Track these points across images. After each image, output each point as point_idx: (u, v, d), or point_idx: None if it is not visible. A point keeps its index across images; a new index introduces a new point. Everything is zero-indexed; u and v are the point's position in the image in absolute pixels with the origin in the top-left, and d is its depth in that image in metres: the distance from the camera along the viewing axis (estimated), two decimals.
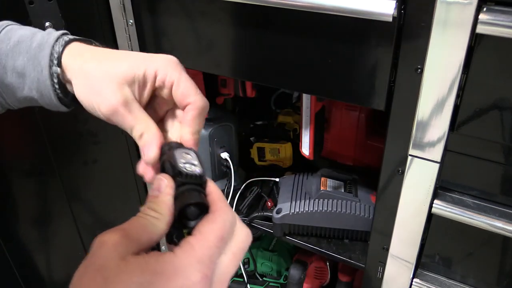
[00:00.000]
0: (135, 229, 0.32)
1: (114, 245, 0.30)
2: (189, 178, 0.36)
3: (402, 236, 0.69)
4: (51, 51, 0.43)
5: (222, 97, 0.98)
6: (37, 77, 0.44)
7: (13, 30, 0.46)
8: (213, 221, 0.34)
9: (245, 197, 0.98)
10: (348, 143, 0.92)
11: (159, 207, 0.34)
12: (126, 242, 0.30)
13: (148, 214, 0.33)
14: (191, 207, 0.34)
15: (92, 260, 0.29)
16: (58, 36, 0.45)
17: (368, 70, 0.59)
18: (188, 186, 0.36)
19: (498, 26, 0.47)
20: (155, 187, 0.35)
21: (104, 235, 0.30)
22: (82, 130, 0.89)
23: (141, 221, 0.33)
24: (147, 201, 0.35)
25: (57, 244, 0.92)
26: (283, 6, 0.59)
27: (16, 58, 0.44)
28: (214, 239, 0.32)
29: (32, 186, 0.86)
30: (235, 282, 1.12)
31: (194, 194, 0.35)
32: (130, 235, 0.31)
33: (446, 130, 0.56)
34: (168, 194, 0.35)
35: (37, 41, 0.44)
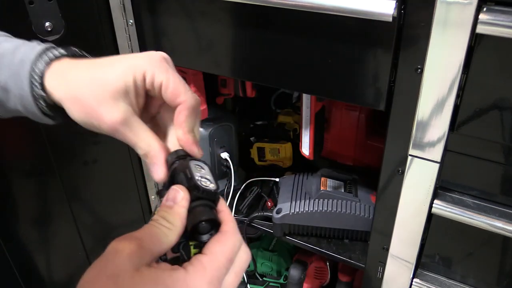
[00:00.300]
0: (149, 239, 0.32)
1: (129, 254, 0.30)
2: (205, 194, 0.37)
3: (402, 236, 0.69)
4: (31, 68, 0.41)
5: (222, 97, 0.98)
6: (19, 93, 0.43)
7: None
8: (224, 243, 0.35)
9: (245, 197, 0.98)
10: (348, 143, 0.92)
11: (173, 218, 0.34)
12: (141, 252, 0.31)
13: (162, 224, 0.34)
14: (204, 223, 0.35)
15: (106, 266, 0.29)
16: (40, 51, 0.42)
17: (368, 70, 0.59)
18: (202, 201, 0.36)
19: (498, 26, 0.47)
20: (170, 198, 0.36)
21: (120, 242, 0.30)
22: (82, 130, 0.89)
23: (154, 230, 0.33)
24: (160, 210, 0.35)
25: (57, 244, 0.92)
26: (283, 6, 0.59)
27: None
28: (224, 260, 0.34)
29: (32, 186, 0.86)
30: None
31: (208, 211, 0.36)
32: (144, 245, 0.31)
33: (446, 130, 0.56)
34: (183, 207, 0.35)
35: (19, 56, 0.43)
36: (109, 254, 0.30)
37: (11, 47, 0.44)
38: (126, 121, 0.39)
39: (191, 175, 0.37)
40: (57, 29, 0.75)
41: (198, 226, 0.35)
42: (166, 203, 0.35)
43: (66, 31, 0.76)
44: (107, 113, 0.39)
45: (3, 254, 0.81)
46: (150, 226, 0.34)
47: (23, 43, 0.45)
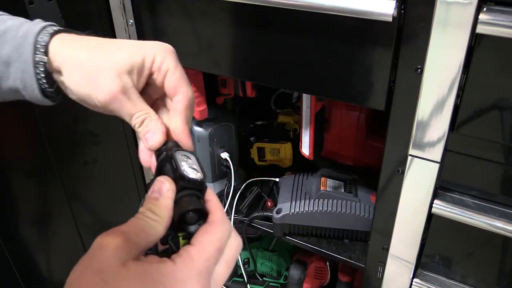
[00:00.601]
0: (135, 232, 0.32)
1: (115, 249, 0.29)
2: (191, 183, 0.36)
3: (402, 236, 0.69)
4: (35, 39, 0.42)
5: (222, 97, 0.98)
6: (21, 67, 0.43)
7: (2, 20, 0.45)
8: (212, 232, 0.34)
9: (245, 197, 0.98)
10: (348, 143, 0.92)
11: (159, 210, 0.34)
12: (127, 246, 0.30)
13: (148, 216, 0.33)
14: (190, 213, 0.35)
15: (91, 262, 0.29)
16: (44, 25, 0.44)
17: (368, 70, 0.59)
18: (189, 191, 0.36)
19: (498, 26, 0.47)
20: (156, 189, 0.35)
21: (105, 237, 0.30)
22: (82, 130, 0.89)
23: (141, 223, 0.33)
24: (146, 202, 0.34)
25: (57, 244, 0.92)
26: (283, 6, 0.59)
27: (2, 47, 0.43)
28: (212, 251, 0.33)
29: (32, 186, 0.86)
30: (235, 282, 1.12)
31: (195, 200, 0.35)
32: (130, 239, 0.31)
33: (446, 130, 0.56)
34: (169, 198, 0.35)
35: (23, 30, 0.43)
36: (94, 249, 0.30)
37: (16, 24, 0.45)
38: (126, 91, 0.40)
39: (176, 165, 0.37)
40: None
41: (185, 216, 0.34)
42: (152, 195, 0.35)
43: None
44: (109, 81, 0.40)
45: (3, 254, 0.81)
46: (136, 219, 0.33)
47: (27, 20, 0.46)
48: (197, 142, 0.95)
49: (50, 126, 0.82)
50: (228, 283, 1.12)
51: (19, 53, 0.43)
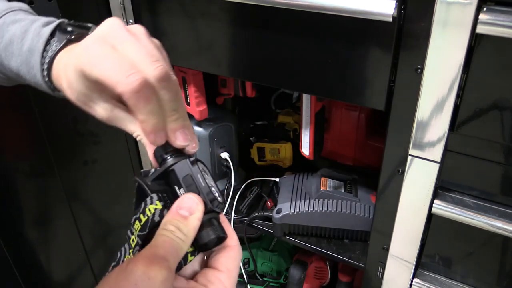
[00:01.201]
0: (172, 257, 0.32)
1: (162, 281, 0.30)
2: (218, 206, 0.36)
3: (402, 236, 0.69)
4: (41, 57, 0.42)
5: (222, 97, 0.98)
6: (33, 80, 0.44)
7: (5, 25, 0.44)
8: (235, 258, 0.37)
9: (245, 197, 0.98)
10: (348, 143, 0.92)
11: (187, 230, 0.34)
12: (171, 276, 0.31)
13: (178, 236, 0.33)
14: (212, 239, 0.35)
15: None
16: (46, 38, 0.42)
17: (368, 70, 0.59)
18: (212, 214, 0.36)
19: (498, 26, 0.47)
20: (186, 207, 0.34)
21: (152, 269, 0.30)
22: (82, 130, 0.89)
23: (174, 245, 0.33)
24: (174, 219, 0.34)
25: (57, 244, 0.92)
26: (283, 6, 0.59)
27: (10, 59, 0.44)
28: (236, 275, 0.36)
29: (32, 186, 0.86)
30: None
31: (216, 225, 0.36)
32: (171, 267, 0.31)
33: (446, 130, 0.56)
34: (198, 220, 0.35)
35: (27, 44, 0.43)
36: (140, 280, 0.29)
37: (18, 33, 0.43)
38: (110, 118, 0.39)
39: (204, 182, 0.36)
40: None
41: (210, 241, 0.35)
42: (181, 212, 0.34)
43: None
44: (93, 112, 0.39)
45: (3, 254, 0.81)
46: (169, 239, 0.33)
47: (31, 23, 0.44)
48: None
49: (50, 126, 0.82)
50: None
51: (28, 68, 0.43)
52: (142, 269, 0.29)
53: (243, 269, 1.03)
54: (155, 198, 0.35)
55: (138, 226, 0.35)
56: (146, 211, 0.35)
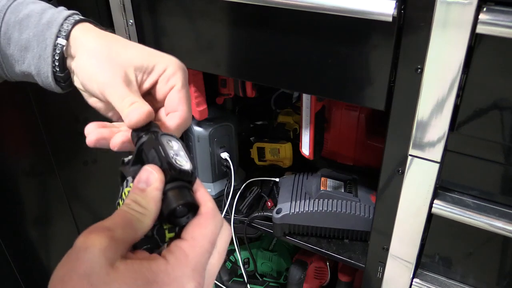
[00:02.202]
0: (121, 228, 0.29)
1: (102, 250, 0.27)
2: (181, 174, 0.34)
3: (402, 236, 0.69)
4: (59, 29, 0.43)
5: (222, 97, 0.98)
6: (39, 53, 0.44)
7: (25, 3, 0.45)
8: (205, 226, 0.33)
9: (245, 197, 0.98)
10: (348, 143, 0.92)
11: (146, 202, 0.32)
12: (115, 245, 0.28)
13: (134, 209, 0.31)
14: (180, 207, 0.32)
15: (76, 264, 0.27)
16: (68, 14, 0.44)
17: (368, 70, 0.59)
18: (178, 183, 0.33)
19: (498, 26, 0.47)
20: (143, 179, 0.33)
21: (89, 237, 0.28)
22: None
23: (127, 216, 0.31)
24: (132, 193, 0.32)
25: (57, 244, 0.92)
26: (283, 6, 0.59)
27: (23, 31, 0.44)
28: (206, 245, 0.32)
29: (32, 186, 0.86)
30: (235, 282, 1.12)
31: (185, 193, 0.33)
32: (117, 237, 0.29)
33: (446, 130, 0.56)
34: (157, 190, 0.32)
35: (47, 18, 0.44)
36: (78, 251, 0.27)
37: (38, 9, 0.45)
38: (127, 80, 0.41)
39: (165, 153, 0.34)
40: None
41: (175, 210, 0.32)
42: (139, 185, 0.32)
43: None
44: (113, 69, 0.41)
45: (3, 254, 0.81)
46: (121, 212, 0.31)
47: (50, 6, 0.46)
48: (197, 142, 0.95)
49: (50, 126, 0.82)
50: (228, 283, 1.12)
51: (39, 40, 0.44)
52: (81, 240, 0.28)
53: (243, 269, 1.03)
54: (130, 180, 0.34)
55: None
56: (122, 195, 0.34)
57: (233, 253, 1.11)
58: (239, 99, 1.00)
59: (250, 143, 1.09)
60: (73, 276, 0.26)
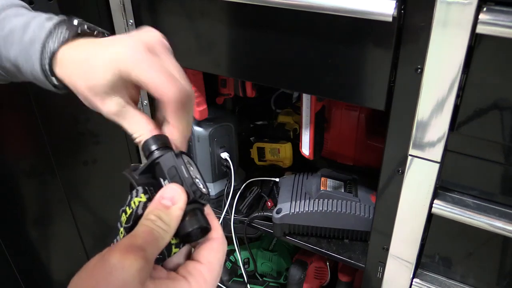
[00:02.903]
0: (151, 247, 0.31)
1: (138, 271, 0.29)
2: (201, 197, 0.36)
3: (402, 236, 0.69)
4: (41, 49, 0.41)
5: (222, 97, 0.98)
6: (30, 70, 0.43)
7: (8, 18, 0.44)
8: (218, 250, 0.36)
9: (245, 197, 0.98)
10: (348, 143, 0.92)
11: (169, 219, 0.33)
12: (147, 267, 0.30)
13: (159, 225, 0.33)
14: (195, 229, 0.35)
15: (110, 280, 0.28)
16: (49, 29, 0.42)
17: (368, 70, 0.59)
18: (196, 205, 0.35)
19: (498, 26, 0.47)
20: (168, 197, 0.34)
21: (127, 258, 0.29)
22: (83, 130, 0.89)
23: (154, 234, 0.32)
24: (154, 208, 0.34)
25: (57, 244, 0.92)
26: (283, 6, 0.59)
27: (9, 48, 0.43)
28: (219, 269, 0.35)
29: (32, 186, 0.86)
30: (235, 282, 1.12)
31: (201, 217, 0.36)
32: (149, 257, 0.30)
33: (446, 130, 0.56)
34: (181, 209, 0.34)
35: (29, 35, 0.42)
36: (114, 267, 0.29)
37: (21, 24, 0.44)
38: (119, 113, 0.39)
39: (188, 174, 0.36)
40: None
41: (191, 232, 0.35)
42: (163, 202, 0.34)
43: None
44: (102, 105, 0.39)
45: (3, 254, 0.81)
46: (148, 228, 0.32)
47: (33, 17, 0.44)
48: (197, 142, 0.95)
49: (50, 126, 0.82)
50: (228, 283, 1.12)
51: (26, 58, 0.43)
52: (118, 258, 0.29)
53: (243, 269, 1.03)
54: (141, 191, 0.35)
55: (124, 218, 0.35)
56: (131, 204, 0.35)
57: (233, 253, 1.11)
58: (239, 99, 1.00)
59: (250, 143, 1.09)
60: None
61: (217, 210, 0.96)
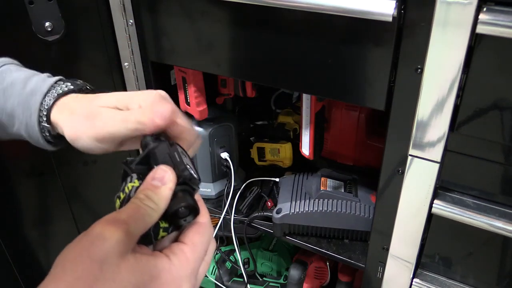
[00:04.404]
0: (135, 221, 0.32)
1: (117, 242, 0.30)
2: (191, 180, 0.36)
3: (402, 236, 0.69)
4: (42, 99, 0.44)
5: (222, 97, 0.98)
6: (25, 120, 0.45)
7: (9, 71, 0.47)
8: (203, 233, 0.36)
9: (245, 197, 0.98)
10: (348, 143, 0.92)
11: (158, 199, 0.34)
12: (128, 239, 0.31)
13: (147, 204, 0.33)
14: (183, 208, 0.35)
15: (91, 250, 0.29)
16: (51, 84, 0.45)
17: (368, 70, 0.59)
18: (185, 187, 0.36)
19: (498, 26, 0.47)
20: (158, 177, 0.35)
21: (107, 229, 0.30)
22: None
23: (140, 211, 0.33)
24: (145, 188, 0.34)
25: (57, 244, 0.92)
26: (283, 6, 0.59)
27: (7, 99, 0.45)
28: (202, 252, 0.36)
29: (32, 186, 0.86)
30: (235, 282, 1.12)
31: (189, 197, 0.36)
32: (131, 231, 0.31)
33: (446, 130, 0.56)
34: (170, 189, 0.35)
35: (31, 86, 0.45)
36: (95, 238, 0.30)
37: (22, 77, 0.46)
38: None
39: (180, 159, 0.37)
40: (57, 29, 0.75)
41: (179, 210, 0.35)
42: (153, 182, 0.35)
43: (66, 31, 0.76)
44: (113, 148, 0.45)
45: (3, 254, 0.81)
46: (135, 205, 0.33)
47: (34, 73, 0.47)
48: None
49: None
50: (228, 283, 1.12)
51: (24, 108, 0.45)
52: (99, 229, 0.30)
53: (243, 269, 1.03)
54: (135, 177, 0.37)
55: (118, 204, 0.36)
56: (125, 189, 0.36)
57: (233, 253, 1.11)
58: (239, 99, 1.00)
59: (250, 143, 1.09)
60: (86, 260, 0.29)
61: (217, 210, 0.96)
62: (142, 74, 0.85)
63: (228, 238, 1.09)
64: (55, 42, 0.75)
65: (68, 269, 0.29)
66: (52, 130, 0.45)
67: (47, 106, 0.44)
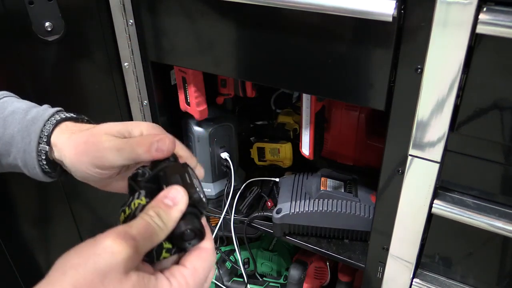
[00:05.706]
0: (143, 239, 0.32)
1: (125, 259, 0.30)
2: (199, 203, 0.36)
3: (402, 236, 0.69)
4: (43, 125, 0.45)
5: (222, 97, 0.98)
6: (23, 147, 0.46)
7: (10, 101, 0.49)
8: (205, 259, 0.36)
9: (245, 197, 0.98)
10: (348, 143, 0.92)
11: (167, 219, 0.34)
12: (136, 257, 0.31)
13: (156, 222, 0.33)
14: (189, 231, 0.35)
15: (96, 261, 0.29)
16: (53, 112, 0.47)
17: (368, 70, 0.59)
18: (193, 209, 0.36)
19: (498, 26, 0.47)
20: (170, 197, 0.35)
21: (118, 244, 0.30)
22: None
23: (150, 229, 0.33)
24: (155, 206, 0.34)
25: (57, 244, 0.92)
26: (283, 6, 0.59)
27: (7, 127, 0.46)
28: (203, 278, 0.35)
29: (32, 186, 0.86)
30: (235, 282, 1.12)
31: (197, 221, 0.36)
32: (139, 248, 0.31)
33: (446, 130, 0.56)
34: (180, 211, 0.35)
35: (32, 114, 0.47)
36: (103, 250, 0.29)
37: (24, 107, 0.48)
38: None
39: (191, 181, 0.37)
40: (57, 29, 0.75)
41: (184, 232, 0.35)
42: (165, 201, 0.34)
43: (66, 31, 0.76)
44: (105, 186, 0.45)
45: (3, 254, 0.81)
46: (145, 222, 0.33)
47: (34, 105, 0.49)
48: (197, 142, 0.95)
49: None
50: (228, 283, 1.12)
51: (23, 135, 0.46)
52: (109, 242, 0.30)
53: (243, 269, 1.03)
54: (143, 193, 0.36)
55: (123, 218, 0.36)
56: (131, 205, 0.36)
57: (233, 253, 1.11)
58: (239, 99, 1.00)
59: (250, 143, 1.09)
60: (90, 269, 0.29)
61: (217, 210, 0.96)
62: (142, 74, 0.85)
63: (228, 238, 1.09)
64: (55, 42, 0.75)
65: (69, 274, 0.28)
66: (50, 153, 0.46)
67: (47, 132, 0.45)
